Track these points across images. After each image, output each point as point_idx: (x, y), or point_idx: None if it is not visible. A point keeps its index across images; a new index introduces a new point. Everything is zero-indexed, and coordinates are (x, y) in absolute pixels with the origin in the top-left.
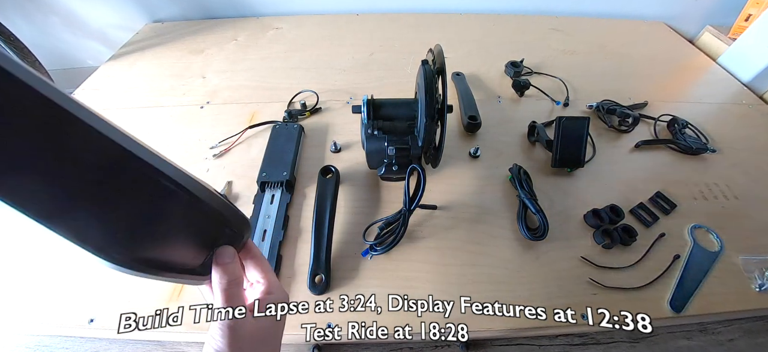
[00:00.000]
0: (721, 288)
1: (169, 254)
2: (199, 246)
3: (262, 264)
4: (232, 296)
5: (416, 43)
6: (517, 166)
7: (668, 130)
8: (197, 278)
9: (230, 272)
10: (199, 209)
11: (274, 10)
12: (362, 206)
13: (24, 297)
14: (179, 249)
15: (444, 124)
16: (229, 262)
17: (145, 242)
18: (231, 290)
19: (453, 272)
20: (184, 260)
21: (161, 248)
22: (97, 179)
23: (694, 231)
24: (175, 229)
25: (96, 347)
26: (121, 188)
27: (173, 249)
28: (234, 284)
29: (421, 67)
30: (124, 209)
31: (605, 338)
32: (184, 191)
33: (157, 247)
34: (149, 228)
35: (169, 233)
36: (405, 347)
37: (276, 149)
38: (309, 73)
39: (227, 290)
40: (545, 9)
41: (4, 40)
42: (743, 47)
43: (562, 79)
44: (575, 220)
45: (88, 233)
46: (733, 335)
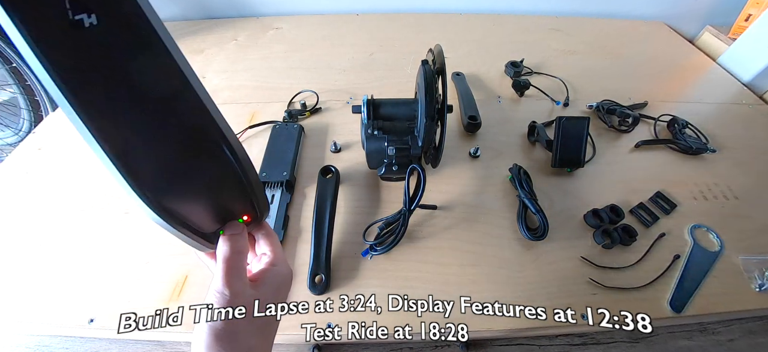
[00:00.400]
0: (721, 288)
1: (195, 211)
2: (223, 213)
3: (271, 239)
4: (233, 267)
5: (416, 43)
6: (517, 166)
7: (668, 130)
8: (206, 244)
9: (235, 244)
10: (239, 178)
11: (274, 10)
12: (362, 206)
13: (24, 297)
14: (205, 210)
15: (444, 124)
16: (237, 233)
17: (180, 191)
18: (232, 262)
19: (453, 272)
20: (203, 222)
21: (191, 202)
22: (160, 110)
23: (694, 231)
24: (211, 188)
25: (96, 347)
26: (180, 130)
27: (200, 208)
28: (237, 256)
29: (421, 67)
30: (176, 152)
31: (605, 338)
32: (234, 156)
33: (188, 200)
34: (189, 179)
35: (203, 191)
36: (405, 347)
37: (276, 149)
38: (309, 73)
39: (229, 259)
40: (545, 9)
41: (4, 40)
42: (743, 47)
43: (562, 79)
44: (575, 220)
45: (132, 158)
46: (733, 335)
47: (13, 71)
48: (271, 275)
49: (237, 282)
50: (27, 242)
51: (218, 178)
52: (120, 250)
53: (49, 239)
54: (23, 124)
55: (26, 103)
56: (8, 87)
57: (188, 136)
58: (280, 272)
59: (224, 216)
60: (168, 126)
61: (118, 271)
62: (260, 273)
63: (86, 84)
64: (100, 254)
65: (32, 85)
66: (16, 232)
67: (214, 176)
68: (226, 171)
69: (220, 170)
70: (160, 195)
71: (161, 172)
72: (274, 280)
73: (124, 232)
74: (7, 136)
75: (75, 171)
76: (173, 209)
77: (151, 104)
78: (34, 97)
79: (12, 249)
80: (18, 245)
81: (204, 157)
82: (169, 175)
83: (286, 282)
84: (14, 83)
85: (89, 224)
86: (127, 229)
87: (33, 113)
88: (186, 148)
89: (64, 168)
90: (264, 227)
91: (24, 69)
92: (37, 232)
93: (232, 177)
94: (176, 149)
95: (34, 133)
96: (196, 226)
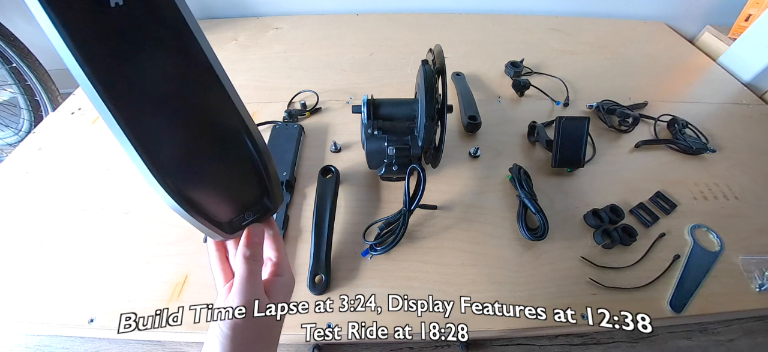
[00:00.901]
0: (721, 288)
1: (211, 199)
2: (239, 203)
3: (277, 242)
4: (254, 273)
5: (416, 43)
6: (517, 166)
7: (668, 130)
8: (220, 233)
9: (257, 252)
10: (258, 170)
11: (274, 10)
12: (362, 206)
13: (24, 297)
14: (222, 199)
15: (444, 124)
16: (259, 243)
17: (198, 178)
18: (252, 265)
19: (453, 272)
20: (218, 212)
21: (208, 189)
22: (185, 96)
23: (694, 231)
24: (230, 178)
25: (96, 347)
26: (203, 117)
27: (217, 196)
28: (255, 259)
29: (421, 67)
30: (197, 138)
31: (605, 338)
32: (254, 146)
33: (205, 187)
34: (208, 166)
35: (222, 178)
36: (405, 347)
37: (276, 149)
38: (309, 73)
39: (249, 258)
40: (545, 9)
41: (4, 40)
42: (743, 47)
43: (562, 79)
44: (575, 220)
45: (153, 143)
46: (733, 335)
47: (13, 71)
48: (277, 287)
49: (255, 293)
50: (27, 242)
51: (237, 166)
52: (120, 250)
53: (49, 239)
54: (23, 124)
55: (26, 103)
56: (8, 87)
57: (211, 123)
58: (286, 282)
59: (240, 206)
60: (191, 112)
61: (118, 271)
62: (267, 284)
63: (110, 65)
64: (100, 254)
65: (32, 85)
66: (17, 232)
67: (234, 163)
68: (246, 160)
69: (240, 159)
70: (179, 181)
71: (181, 158)
72: (281, 292)
73: (124, 232)
74: (7, 136)
75: (75, 171)
76: (191, 196)
77: (176, 90)
78: (34, 97)
79: (12, 249)
80: (18, 244)
81: (225, 145)
82: (188, 161)
83: (290, 291)
84: (14, 83)
85: (89, 224)
86: (127, 229)
87: (33, 113)
88: (208, 135)
89: (64, 168)
90: (272, 227)
91: (24, 69)
92: (37, 232)
93: (251, 167)
94: (197, 136)
95: (34, 133)
96: (211, 214)
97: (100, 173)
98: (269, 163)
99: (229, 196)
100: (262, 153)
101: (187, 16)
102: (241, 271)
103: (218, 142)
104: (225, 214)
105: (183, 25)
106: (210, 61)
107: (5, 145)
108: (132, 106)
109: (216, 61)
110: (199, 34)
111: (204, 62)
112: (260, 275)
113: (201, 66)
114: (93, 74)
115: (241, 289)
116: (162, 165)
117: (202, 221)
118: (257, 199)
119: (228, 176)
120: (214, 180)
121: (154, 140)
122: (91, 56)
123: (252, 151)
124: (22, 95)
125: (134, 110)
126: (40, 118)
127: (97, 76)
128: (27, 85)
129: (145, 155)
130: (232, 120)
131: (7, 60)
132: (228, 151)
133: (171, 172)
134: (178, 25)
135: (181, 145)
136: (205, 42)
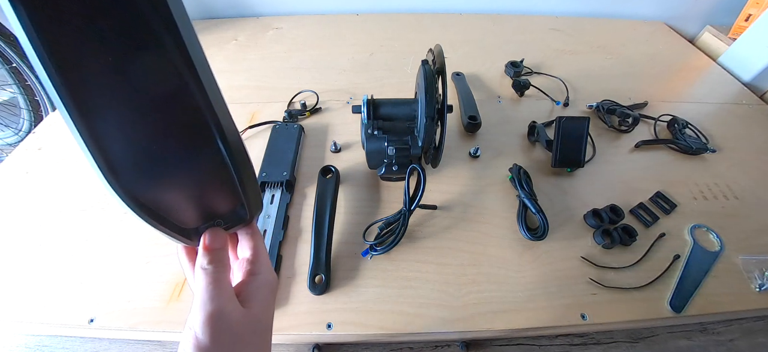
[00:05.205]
0: (721, 288)
1: (174, 205)
2: (208, 210)
3: (254, 240)
4: (216, 280)
5: (416, 43)
6: (517, 166)
7: (668, 130)
8: (185, 240)
9: (216, 258)
10: (230, 176)
11: (274, 10)
12: (362, 206)
13: (24, 297)
14: (186, 205)
15: (444, 124)
16: (219, 248)
17: (158, 180)
18: (213, 273)
19: (453, 271)
20: (183, 218)
21: (171, 196)
22: (150, 87)
23: (694, 231)
24: (196, 183)
25: (96, 347)
26: (171, 119)
27: (181, 202)
28: (217, 266)
29: (421, 67)
30: (161, 137)
31: (605, 338)
32: (228, 152)
33: (168, 193)
34: (169, 167)
35: (187, 185)
36: (405, 347)
37: (276, 149)
38: (309, 73)
39: (208, 267)
40: (545, 9)
41: (4, 40)
42: (743, 47)
43: (562, 79)
44: (575, 220)
45: (109, 142)
46: (733, 335)
47: (13, 71)
48: (253, 288)
49: (220, 303)
50: (27, 242)
51: (206, 171)
52: (120, 250)
53: (49, 239)
54: (23, 124)
55: (26, 103)
56: (8, 87)
57: (179, 123)
58: (265, 281)
59: (209, 213)
60: (157, 110)
61: (118, 271)
62: (242, 285)
63: (58, 36)
64: (100, 254)
65: (32, 85)
66: (17, 232)
67: (202, 168)
68: (217, 165)
69: (210, 164)
70: (133, 182)
71: (139, 158)
72: (259, 293)
73: (124, 232)
74: (7, 136)
75: (75, 171)
76: (148, 199)
77: (135, 69)
78: (34, 97)
79: (12, 249)
80: (18, 244)
81: (193, 148)
82: (148, 162)
83: (273, 290)
84: (14, 83)
85: (89, 224)
86: (127, 229)
87: (33, 113)
88: (173, 135)
89: (64, 168)
90: (251, 226)
91: (24, 69)
92: (38, 232)
93: (223, 172)
94: (161, 135)
95: (34, 133)
96: (174, 220)
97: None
98: (245, 168)
99: (195, 202)
100: (235, 158)
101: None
102: (200, 283)
103: (185, 145)
104: (191, 220)
105: (157, 5)
106: (188, 51)
107: (5, 145)
108: (83, 92)
109: (196, 52)
110: (182, 23)
111: (178, 52)
112: (226, 281)
113: (173, 56)
114: (39, 43)
115: (203, 302)
116: (115, 163)
117: (160, 227)
118: (230, 206)
119: (194, 182)
120: (177, 185)
121: (107, 135)
122: (36, 20)
123: (224, 156)
124: (22, 95)
125: (86, 98)
126: (40, 118)
127: (45, 47)
128: (27, 85)
129: (95, 149)
130: (204, 121)
131: (7, 60)
132: (196, 154)
133: (125, 173)
134: (148, 7)
135: (141, 143)
136: (188, 34)
